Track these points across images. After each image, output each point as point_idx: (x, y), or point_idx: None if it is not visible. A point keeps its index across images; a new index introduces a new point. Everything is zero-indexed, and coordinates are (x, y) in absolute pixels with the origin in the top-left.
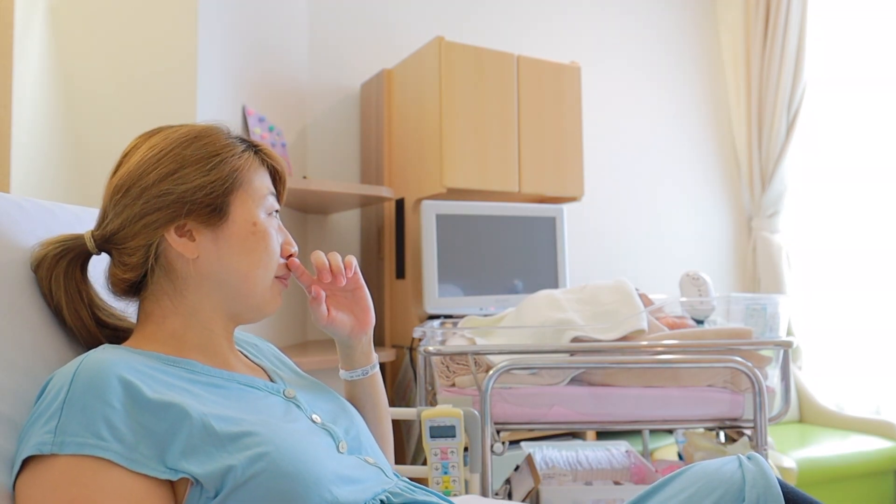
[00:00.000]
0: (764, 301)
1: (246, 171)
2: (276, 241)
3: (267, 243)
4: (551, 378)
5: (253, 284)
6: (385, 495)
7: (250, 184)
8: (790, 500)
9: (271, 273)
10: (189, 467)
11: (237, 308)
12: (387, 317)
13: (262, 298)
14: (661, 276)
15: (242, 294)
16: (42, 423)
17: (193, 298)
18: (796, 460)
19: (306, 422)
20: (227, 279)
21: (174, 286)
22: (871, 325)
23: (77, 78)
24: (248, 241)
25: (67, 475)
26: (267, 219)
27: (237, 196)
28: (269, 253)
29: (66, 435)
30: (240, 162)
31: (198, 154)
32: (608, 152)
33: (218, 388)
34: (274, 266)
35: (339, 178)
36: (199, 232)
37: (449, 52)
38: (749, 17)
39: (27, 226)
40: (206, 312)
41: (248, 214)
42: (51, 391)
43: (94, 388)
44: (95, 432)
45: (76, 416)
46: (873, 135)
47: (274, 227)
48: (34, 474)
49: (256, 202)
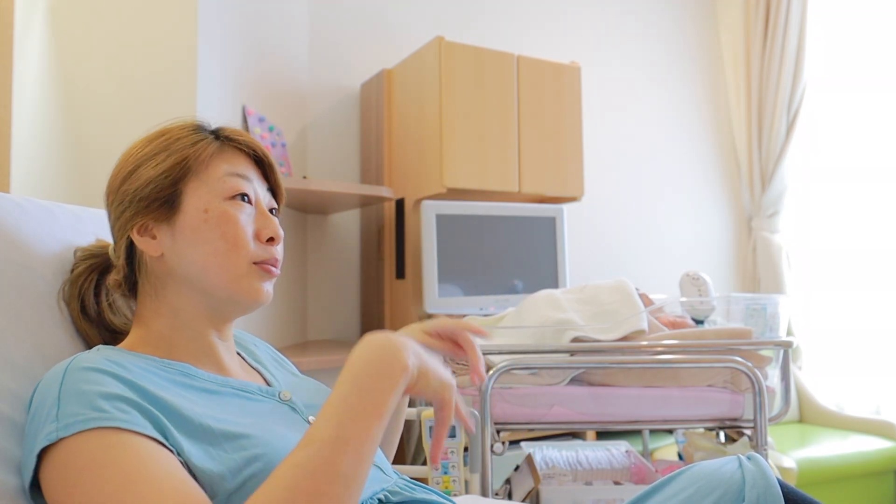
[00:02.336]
0: (764, 301)
1: (198, 158)
2: (243, 224)
3: (223, 229)
4: (551, 378)
5: (215, 275)
6: (383, 494)
7: (204, 171)
8: (790, 500)
9: (238, 260)
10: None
11: (212, 302)
12: (387, 317)
13: (233, 289)
14: (661, 276)
15: (209, 286)
16: (42, 417)
17: (172, 298)
18: (796, 460)
19: (303, 424)
20: (189, 273)
21: (153, 287)
22: (871, 325)
23: (77, 78)
24: (200, 229)
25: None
26: (227, 203)
27: (189, 186)
28: (229, 239)
29: (67, 417)
30: (190, 151)
31: (151, 152)
32: (608, 152)
33: (211, 394)
34: (239, 252)
35: (339, 178)
36: (158, 228)
37: (449, 52)
38: (749, 17)
39: (27, 226)
40: (188, 311)
41: (199, 202)
42: (43, 390)
43: (88, 377)
44: (96, 407)
45: (73, 401)
46: (873, 135)
47: (241, 210)
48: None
49: (211, 188)
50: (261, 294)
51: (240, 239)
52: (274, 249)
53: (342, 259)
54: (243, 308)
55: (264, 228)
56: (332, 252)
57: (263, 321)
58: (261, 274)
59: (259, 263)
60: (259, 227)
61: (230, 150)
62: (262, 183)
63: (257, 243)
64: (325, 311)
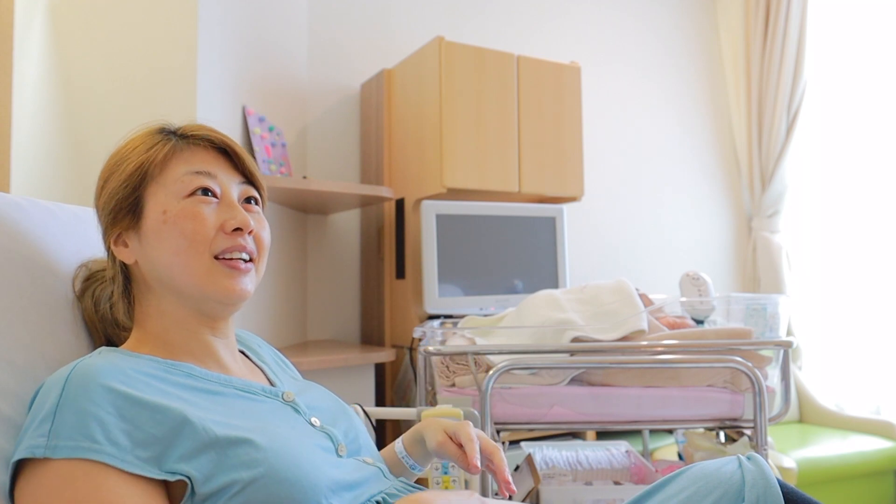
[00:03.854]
0: (764, 301)
1: (155, 162)
2: (204, 218)
3: (181, 227)
4: (551, 378)
5: (181, 274)
6: (381, 496)
7: (161, 173)
8: (790, 500)
9: (200, 256)
10: (188, 470)
11: (190, 302)
12: (387, 317)
13: (201, 286)
14: (661, 276)
15: (180, 286)
16: (35, 426)
17: (157, 301)
18: (796, 460)
19: (305, 425)
20: (161, 276)
21: (140, 291)
22: (870, 325)
23: (77, 78)
24: (160, 232)
25: (63, 479)
26: (185, 201)
27: (149, 191)
28: (187, 236)
29: (59, 439)
30: (146, 155)
31: (112, 163)
32: (608, 152)
33: (215, 395)
34: (199, 249)
35: (339, 178)
36: (129, 236)
37: (449, 52)
38: (749, 17)
39: (27, 226)
40: (174, 313)
41: (158, 205)
42: (43, 396)
43: (87, 392)
44: (88, 435)
45: (69, 420)
46: (873, 135)
47: (204, 205)
48: (30, 479)
49: (169, 189)
50: (229, 291)
51: (198, 234)
52: (242, 240)
53: (342, 259)
54: (219, 305)
55: (229, 219)
56: (332, 252)
57: (263, 321)
58: (225, 270)
59: (221, 258)
60: (223, 219)
61: (190, 147)
62: (233, 175)
63: (223, 235)
64: (325, 311)
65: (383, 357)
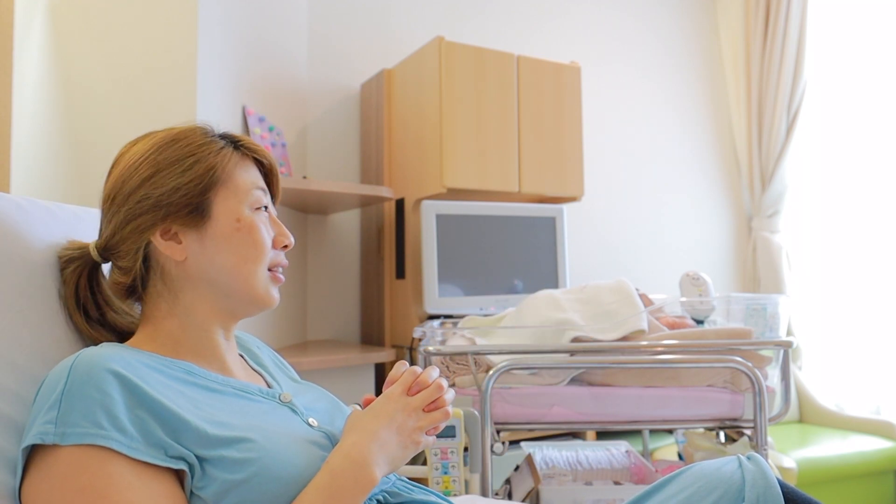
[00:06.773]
0: (764, 301)
1: (224, 168)
2: (266, 234)
3: (254, 238)
4: (551, 378)
5: (244, 280)
6: (382, 495)
7: (231, 180)
8: (790, 500)
9: (263, 266)
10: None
11: (233, 305)
12: (387, 317)
13: (256, 293)
14: (661, 276)
15: (235, 290)
16: (42, 413)
17: (188, 300)
18: (796, 460)
19: (302, 426)
20: (218, 277)
21: (168, 288)
22: (870, 325)
23: (77, 78)
24: (233, 237)
25: (74, 465)
26: (253, 213)
27: (218, 194)
28: (258, 247)
29: (66, 426)
30: (216, 159)
31: (173, 157)
32: (608, 152)
33: (213, 393)
34: (264, 260)
35: (339, 178)
36: (185, 234)
37: (449, 52)
38: (749, 17)
39: (27, 226)
40: (202, 313)
41: (230, 211)
42: (49, 384)
43: (92, 380)
44: (95, 422)
45: (75, 407)
46: (873, 135)
47: (263, 220)
48: (40, 467)
49: (240, 198)
50: (274, 301)
51: (265, 248)
52: (285, 255)
53: (342, 259)
54: (256, 311)
55: (280, 236)
56: (332, 252)
57: (264, 321)
58: (274, 280)
59: (272, 270)
60: (276, 235)
61: (247, 160)
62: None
63: (273, 250)
64: (325, 311)
65: (383, 357)
